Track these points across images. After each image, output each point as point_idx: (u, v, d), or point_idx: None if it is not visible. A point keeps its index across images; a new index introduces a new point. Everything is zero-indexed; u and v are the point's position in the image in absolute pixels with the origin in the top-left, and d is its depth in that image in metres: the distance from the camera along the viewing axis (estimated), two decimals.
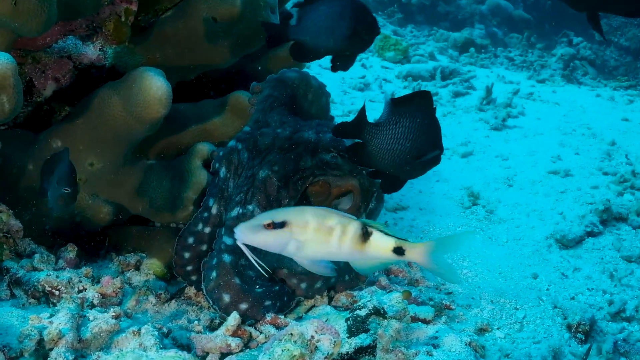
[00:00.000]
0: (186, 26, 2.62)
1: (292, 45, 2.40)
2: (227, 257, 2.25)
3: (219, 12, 2.57)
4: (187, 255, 2.39)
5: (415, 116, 2.12)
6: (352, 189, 2.52)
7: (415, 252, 1.64)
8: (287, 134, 2.46)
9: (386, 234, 1.65)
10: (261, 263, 1.71)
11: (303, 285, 2.37)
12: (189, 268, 2.40)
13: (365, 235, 1.63)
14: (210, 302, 2.25)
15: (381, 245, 1.63)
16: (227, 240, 2.27)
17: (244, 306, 2.22)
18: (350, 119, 2.36)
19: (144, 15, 2.64)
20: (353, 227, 1.62)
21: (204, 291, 2.27)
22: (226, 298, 2.23)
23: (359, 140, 2.18)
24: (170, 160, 2.52)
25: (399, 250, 1.63)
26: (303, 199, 2.54)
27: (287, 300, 2.34)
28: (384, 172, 2.28)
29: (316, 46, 2.36)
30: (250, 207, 2.32)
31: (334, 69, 2.47)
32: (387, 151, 2.14)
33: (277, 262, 2.34)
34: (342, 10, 2.32)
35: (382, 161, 2.17)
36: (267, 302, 2.26)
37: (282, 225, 1.61)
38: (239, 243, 1.62)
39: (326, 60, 6.90)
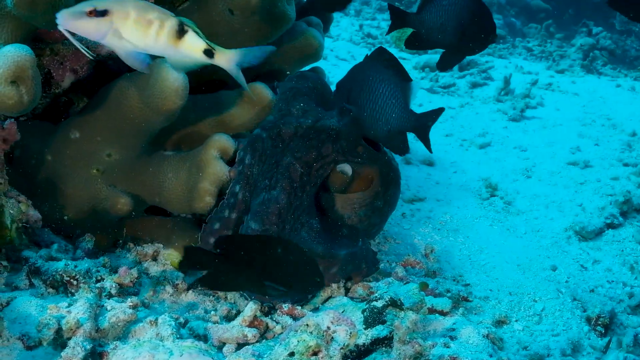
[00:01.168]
0: (202, 18, 2.61)
1: (410, 33, 2.53)
2: None
3: (236, 4, 2.56)
4: (212, 240, 2.41)
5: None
6: (372, 175, 2.61)
7: (223, 57, 1.74)
8: (310, 122, 2.52)
9: (200, 36, 1.72)
10: (82, 47, 1.75)
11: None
12: None
13: (180, 33, 1.68)
14: None
15: (194, 45, 1.70)
16: (253, 225, 2.33)
17: None
18: None
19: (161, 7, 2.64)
20: (171, 22, 1.67)
21: None
22: None
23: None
24: (187, 151, 2.52)
25: (209, 53, 1.72)
26: (323, 186, 2.61)
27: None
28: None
29: (428, 38, 2.46)
30: (274, 192, 2.38)
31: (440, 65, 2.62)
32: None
33: None
34: (460, 9, 2.38)
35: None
36: None
37: (103, 13, 1.64)
38: (60, 28, 1.64)
39: (343, 52, 6.88)
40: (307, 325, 1.53)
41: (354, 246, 2.52)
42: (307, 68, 3.13)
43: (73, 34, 1.66)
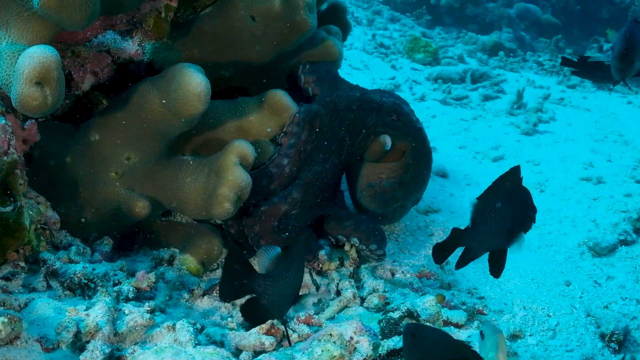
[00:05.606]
0: (224, 24, 2.61)
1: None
2: (283, 205, 2.55)
3: (257, 10, 2.55)
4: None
5: None
6: (405, 148, 2.86)
7: None
8: (358, 95, 2.78)
9: None
10: None
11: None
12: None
13: None
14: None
15: None
16: (296, 194, 2.58)
17: (262, 242, 2.52)
18: None
19: (183, 11, 2.64)
20: None
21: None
22: (256, 228, 2.54)
23: None
24: (206, 156, 2.51)
25: None
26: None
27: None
28: None
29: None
30: (327, 165, 2.66)
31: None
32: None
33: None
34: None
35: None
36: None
37: None
38: None
39: (356, 61, 6.87)
40: (331, 334, 1.52)
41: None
42: None
43: None
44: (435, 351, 1.51)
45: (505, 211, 1.97)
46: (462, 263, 2.05)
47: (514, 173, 1.95)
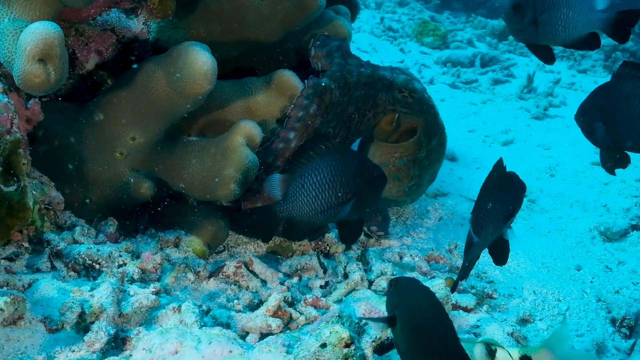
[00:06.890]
0: (231, 2, 2.57)
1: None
2: None
3: None
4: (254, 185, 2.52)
5: None
6: (417, 126, 2.81)
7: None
8: (369, 72, 2.72)
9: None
10: None
11: None
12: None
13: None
14: None
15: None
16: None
17: None
18: None
19: None
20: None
21: None
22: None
23: None
24: (212, 137, 2.47)
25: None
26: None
27: None
28: None
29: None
30: (336, 140, 2.57)
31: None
32: None
33: None
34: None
35: None
36: None
37: None
38: None
39: (364, 44, 6.82)
40: (339, 316, 1.49)
41: None
42: None
43: None
44: (406, 299, 1.49)
45: (498, 208, 1.94)
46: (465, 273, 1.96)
47: (497, 168, 1.91)
